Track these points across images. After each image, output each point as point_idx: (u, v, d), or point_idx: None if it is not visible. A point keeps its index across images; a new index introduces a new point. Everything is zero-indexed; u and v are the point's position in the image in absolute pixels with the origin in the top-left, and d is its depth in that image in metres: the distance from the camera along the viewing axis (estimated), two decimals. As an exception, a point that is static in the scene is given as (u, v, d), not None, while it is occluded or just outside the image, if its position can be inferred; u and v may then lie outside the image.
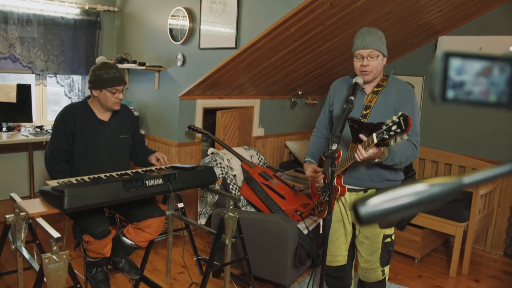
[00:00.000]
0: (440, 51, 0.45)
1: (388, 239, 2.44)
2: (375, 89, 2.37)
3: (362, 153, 2.07)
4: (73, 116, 2.70)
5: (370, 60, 2.27)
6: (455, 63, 0.44)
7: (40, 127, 4.27)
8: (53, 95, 4.87)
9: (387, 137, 1.96)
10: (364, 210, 0.46)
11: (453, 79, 0.44)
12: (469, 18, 4.23)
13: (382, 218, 0.46)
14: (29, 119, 4.17)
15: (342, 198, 2.48)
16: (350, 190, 2.42)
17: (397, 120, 1.93)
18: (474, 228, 3.70)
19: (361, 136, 2.09)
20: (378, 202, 0.46)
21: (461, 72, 0.44)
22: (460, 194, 4.04)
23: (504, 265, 4.07)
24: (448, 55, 0.44)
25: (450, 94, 0.44)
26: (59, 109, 4.97)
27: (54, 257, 1.97)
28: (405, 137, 2.00)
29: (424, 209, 0.47)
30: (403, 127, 1.91)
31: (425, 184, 0.47)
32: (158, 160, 2.91)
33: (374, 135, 2.00)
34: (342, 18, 3.39)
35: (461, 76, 0.45)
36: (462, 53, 0.44)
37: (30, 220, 2.28)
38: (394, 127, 1.94)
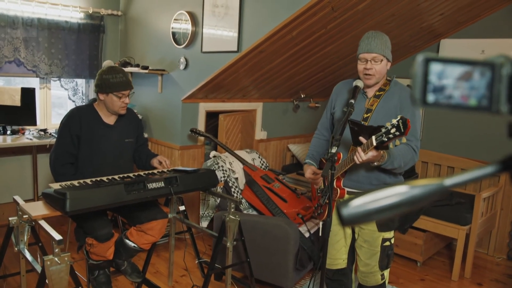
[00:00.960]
0: (420, 56, 0.46)
1: (387, 243, 2.44)
2: (377, 93, 2.38)
3: (361, 156, 2.08)
4: (79, 119, 2.72)
5: (374, 64, 2.28)
6: (435, 68, 0.45)
7: (44, 130, 4.31)
8: (58, 99, 4.91)
9: (386, 139, 1.97)
10: (346, 211, 0.47)
11: (434, 83, 0.45)
12: (471, 21, 4.24)
13: (364, 219, 0.47)
14: (33, 123, 4.20)
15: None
16: (349, 193, 2.42)
17: (396, 123, 1.95)
18: (476, 232, 3.69)
19: (361, 138, 2.10)
20: (360, 203, 0.47)
21: (442, 76, 0.46)
22: (460, 197, 4.03)
23: (507, 268, 4.05)
24: (428, 60, 0.45)
25: (431, 98, 0.45)
26: (63, 112, 5.03)
27: (56, 259, 1.98)
28: (403, 140, 2.01)
29: (405, 210, 0.48)
30: (402, 130, 1.92)
31: (406, 186, 0.48)
32: (160, 163, 2.92)
33: (373, 137, 2.01)
34: (343, 21, 3.40)
35: (441, 80, 0.46)
36: (443, 58, 0.45)
37: (33, 223, 2.30)
38: (393, 130, 1.95)
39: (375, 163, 2.18)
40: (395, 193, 0.47)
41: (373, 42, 2.27)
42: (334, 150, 2.07)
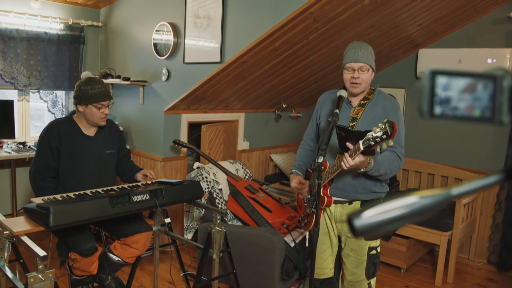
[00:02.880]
0: (427, 70, 0.47)
1: (374, 251, 2.45)
2: (362, 101, 2.42)
3: (348, 161, 2.10)
4: (58, 132, 2.68)
5: (361, 73, 2.32)
6: (441, 80, 0.46)
7: (23, 143, 4.22)
8: (35, 111, 4.83)
9: (373, 143, 1.99)
10: (359, 222, 0.47)
11: (440, 95, 0.47)
12: (448, 31, 4.35)
13: (376, 230, 0.48)
14: (12, 136, 4.11)
15: (328, 210, 2.50)
16: (335, 202, 2.43)
17: (383, 126, 1.97)
18: (458, 237, 3.76)
19: (348, 144, 2.12)
20: (372, 214, 0.47)
21: (447, 88, 0.47)
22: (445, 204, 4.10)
23: (488, 272, 4.13)
24: (434, 73, 0.46)
25: (438, 110, 0.47)
26: (41, 124, 4.94)
27: (40, 276, 1.93)
28: (390, 143, 2.03)
29: (415, 220, 0.49)
30: (389, 133, 1.95)
31: (416, 196, 0.49)
32: (145, 177, 2.89)
33: (360, 142, 2.03)
34: (325, 32, 3.45)
35: (447, 92, 0.47)
36: (448, 71, 0.47)
37: (14, 239, 2.24)
38: (380, 134, 1.98)
39: (362, 170, 2.20)
40: (405, 204, 0.48)
41: (360, 52, 2.31)
42: (320, 159, 2.08)
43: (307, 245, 3.10)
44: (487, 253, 4.30)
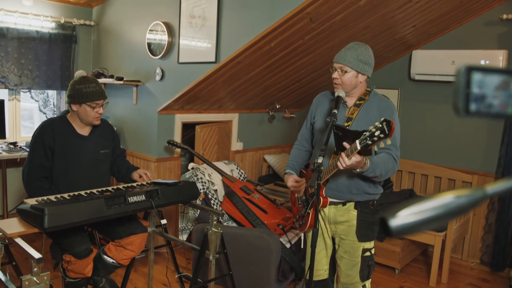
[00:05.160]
0: (462, 65, 0.46)
1: (368, 253, 2.44)
2: (357, 102, 2.41)
3: (345, 161, 2.08)
4: (52, 132, 2.63)
5: (340, 74, 2.32)
6: (476, 77, 0.45)
7: (14, 143, 4.15)
8: (24, 110, 4.75)
9: (370, 142, 1.97)
10: (395, 222, 0.46)
11: (475, 92, 0.45)
12: (441, 33, 4.37)
13: (411, 231, 0.46)
14: (2, 136, 4.05)
15: (322, 211, 2.48)
16: (329, 203, 2.42)
17: (380, 125, 1.95)
18: (452, 237, 3.77)
19: (345, 144, 2.10)
20: (408, 214, 0.46)
21: (482, 85, 0.46)
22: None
23: (481, 272, 4.15)
24: (470, 69, 0.45)
25: (473, 107, 0.45)
26: (30, 125, 4.87)
27: (35, 278, 1.89)
28: (388, 141, 2.01)
29: (450, 220, 0.48)
30: (387, 132, 1.93)
31: (451, 196, 0.48)
32: (140, 176, 2.86)
33: (357, 141, 2.01)
34: (321, 32, 3.44)
35: (482, 89, 0.46)
36: (482, 67, 0.45)
37: (7, 241, 2.20)
38: (377, 133, 1.95)
39: (358, 170, 2.18)
40: (441, 204, 0.46)
41: (347, 53, 2.31)
42: (320, 160, 2.06)
43: (302, 247, 3.09)
44: (480, 253, 4.33)
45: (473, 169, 4.31)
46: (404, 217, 0.46)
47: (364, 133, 2.01)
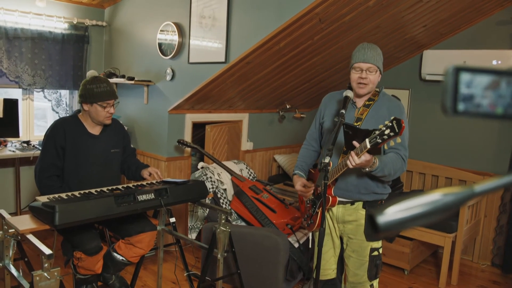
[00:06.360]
0: (451, 66, 0.47)
1: (376, 252, 2.44)
2: (367, 102, 2.41)
3: (354, 160, 2.08)
4: (63, 131, 2.68)
5: (369, 74, 2.32)
6: (465, 77, 0.46)
7: (27, 142, 4.22)
8: (38, 110, 4.83)
9: (380, 141, 1.97)
10: (382, 219, 0.47)
11: (463, 92, 0.46)
12: (453, 33, 4.34)
13: (399, 228, 0.47)
14: (16, 134, 4.12)
15: (330, 211, 2.49)
16: (337, 203, 2.42)
17: (390, 124, 1.95)
18: (462, 239, 3.75)
19: (354, 142, 2.10)
20: (395, 211, 0.47)
21: (471, 85, 0.46)
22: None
23: (492, 275, 4.12)
24: (458, 70, 0.46)
25: (461, 106, 0.46)
26: (44, 123, 4.95)
27: (45, 274, 1.93)
28: (398, 140, 2.01)
29: (438, 218, 0.49)
30: (397, 130, 1.93)
31: (439, 193, 0.49)
32: (150, 174, 2.89)
33: (367, 140, 2.02)
34: (330, 32, 3.44)
35: (470, 89, 0.47)
36: (471, 68, 0.46)
37: (19, 237, 2.24)
38: (387, 131, 1.96)
39: (367, 169, 2.19)
40: (428, 201, 0.47)
41: (369, 52, 2.31)
42: (327, 160, 2.07)
43: (310, 247, 3.10)
44: (491, 255, 4.29)
45: (484, 170, 4.27)
46: (391, 214, 0.47)
47: (374, 132, 2.01)
